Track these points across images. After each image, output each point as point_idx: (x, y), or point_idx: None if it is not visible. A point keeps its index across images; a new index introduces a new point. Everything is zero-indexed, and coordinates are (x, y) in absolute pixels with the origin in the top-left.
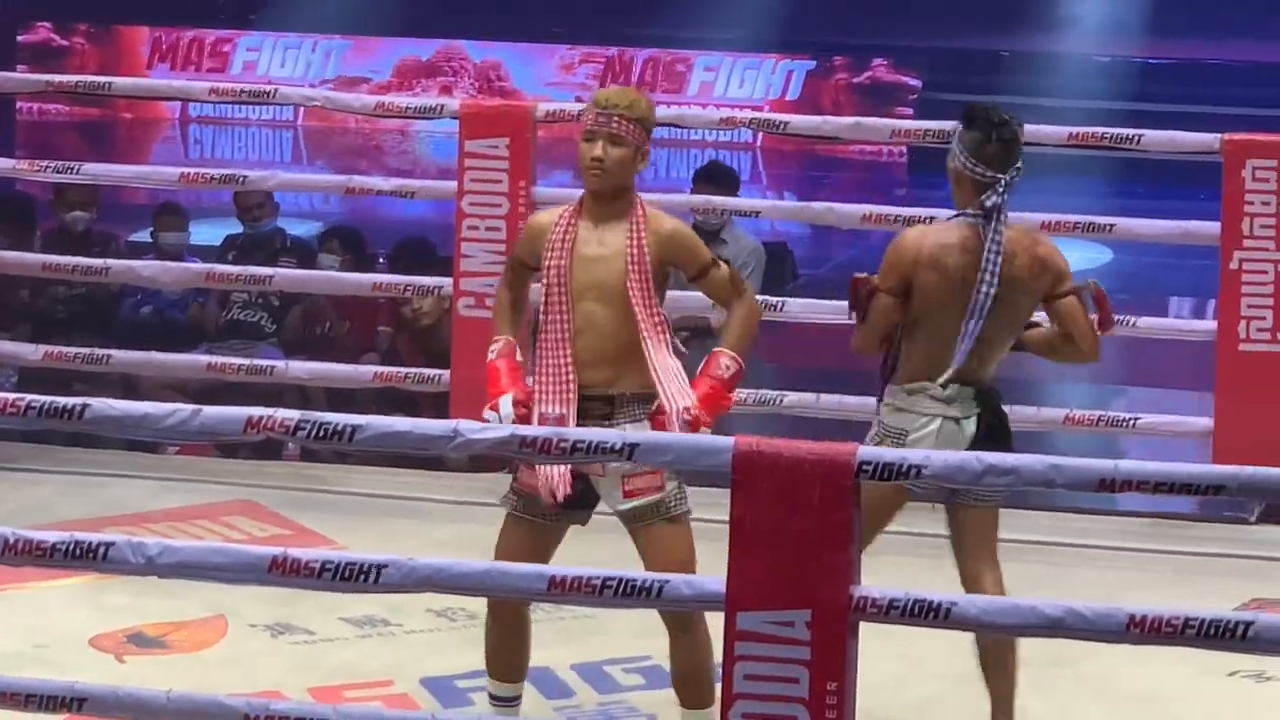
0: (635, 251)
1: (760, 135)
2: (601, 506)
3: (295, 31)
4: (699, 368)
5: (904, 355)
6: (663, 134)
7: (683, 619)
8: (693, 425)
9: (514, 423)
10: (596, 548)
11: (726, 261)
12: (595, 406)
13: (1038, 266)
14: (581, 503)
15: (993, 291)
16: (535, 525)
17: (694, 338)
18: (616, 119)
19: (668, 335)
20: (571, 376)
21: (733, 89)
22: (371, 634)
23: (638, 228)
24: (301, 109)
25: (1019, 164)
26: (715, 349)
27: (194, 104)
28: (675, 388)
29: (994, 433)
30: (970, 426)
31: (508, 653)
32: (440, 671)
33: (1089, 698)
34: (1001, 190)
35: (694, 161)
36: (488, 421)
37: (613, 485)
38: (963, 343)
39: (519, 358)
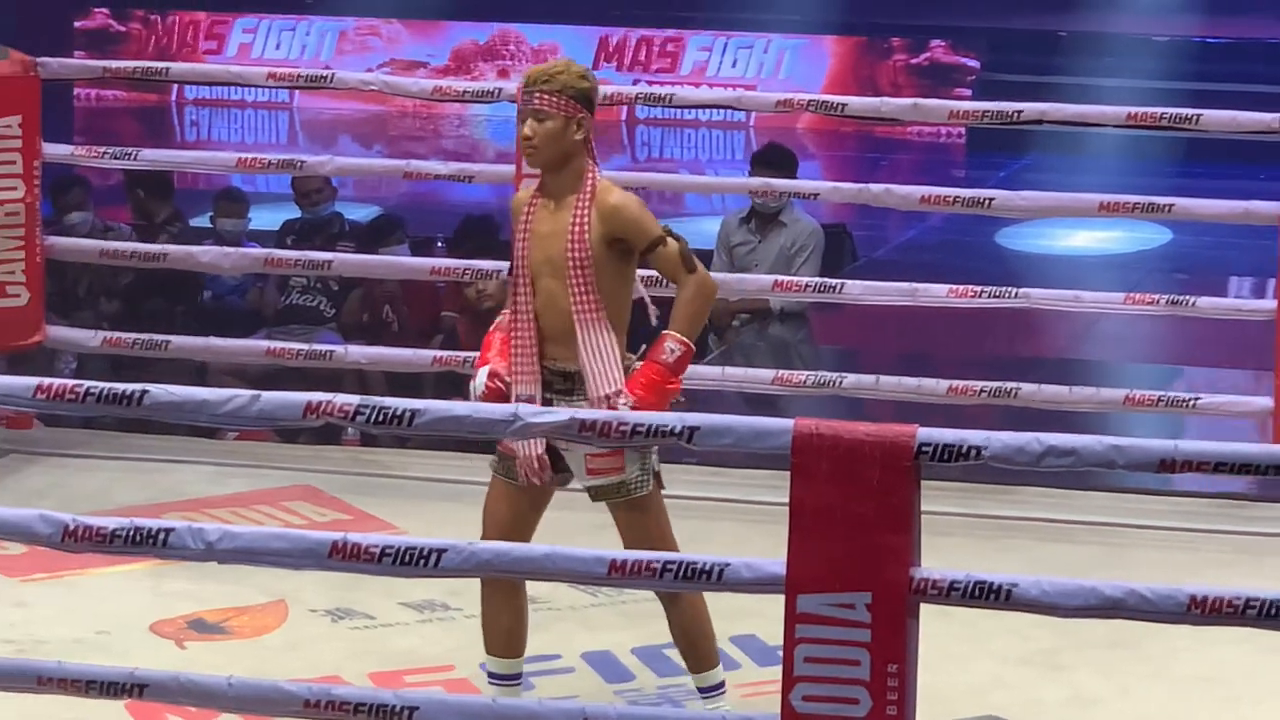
0: (576, 228)
1: (754, 116)
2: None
3: (353, 16)
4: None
5: None
6: (658, 114)
7: (669, 593)
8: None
9: (483, 395)
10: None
11: (678, 238)
12: (557, 381)
13: None
14: (557, 468)
15: None
16: (520, 487)
17: (754, 320)
18: (538, 95)
19: (604, 314)
20: (535, 355)
21: (725, 69)
22: (432, 618)
23: (584, 203)
24: (296, 92)
25: None
26: (663, 331)
27: (190, 86)
28: (599, 371)
29: None
30: None
31: (505, 622)
32: None
33: (1150, 679)
34: None
35: (686, 141)
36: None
37: (578, 461)
38: None
39: None
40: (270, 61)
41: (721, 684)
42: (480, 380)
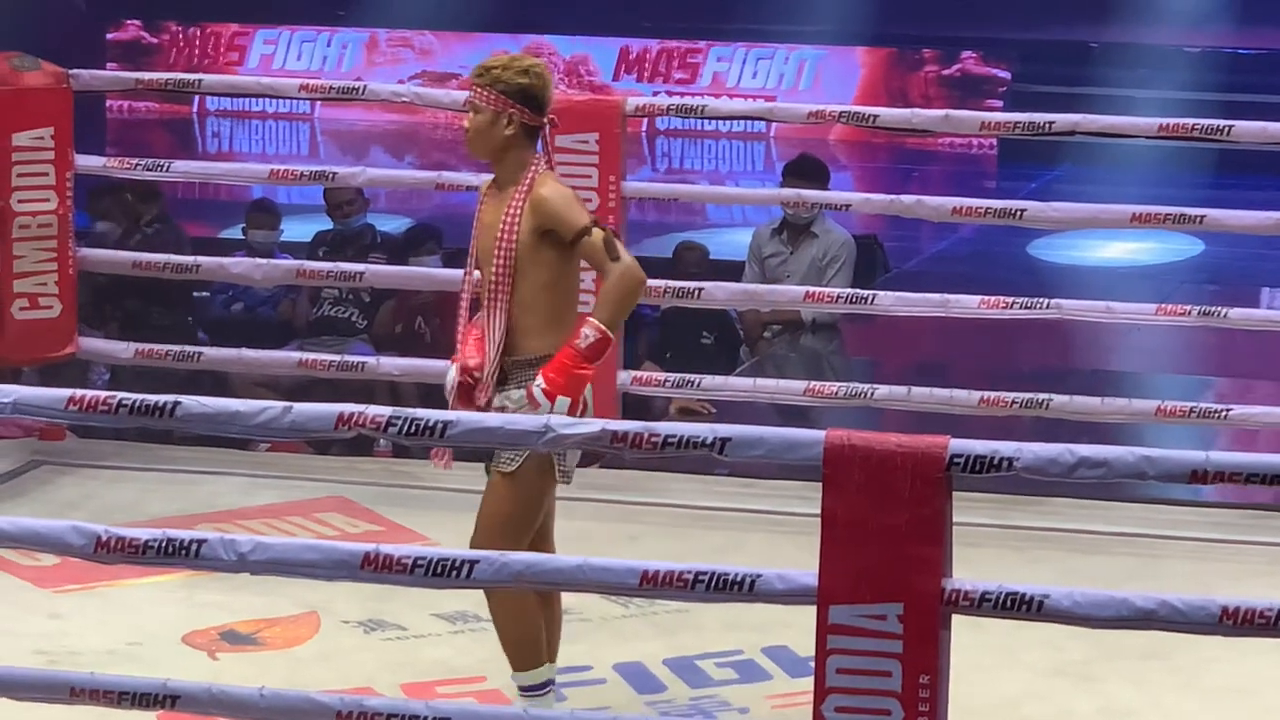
0: (507, 219)
1: (774, 127)
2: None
3: (385, 27)
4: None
5: None
6: (678, 124)
7: (491, 593)
8: (547, 395)
9: (454, 387)
10: (685, 542)
11: (605, 228)
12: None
13: None
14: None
15: None
16: None
17: (786, 331)
18: (474, 88)
19: (510, 305)
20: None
21: (745, 79)
22: (464, 630)
23: (520, 195)
24: (317, 104)
25: None
26: (586, 315)
27: (211, 97)
28: (489, 353)
29: None
30: None
31: (535, 633)
32: None
33: (1182, 690)
34: None
35: (706, 152)
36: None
37: None
38: None
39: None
40: (293, 73)
41: (546, 684)
42: (450, 375)
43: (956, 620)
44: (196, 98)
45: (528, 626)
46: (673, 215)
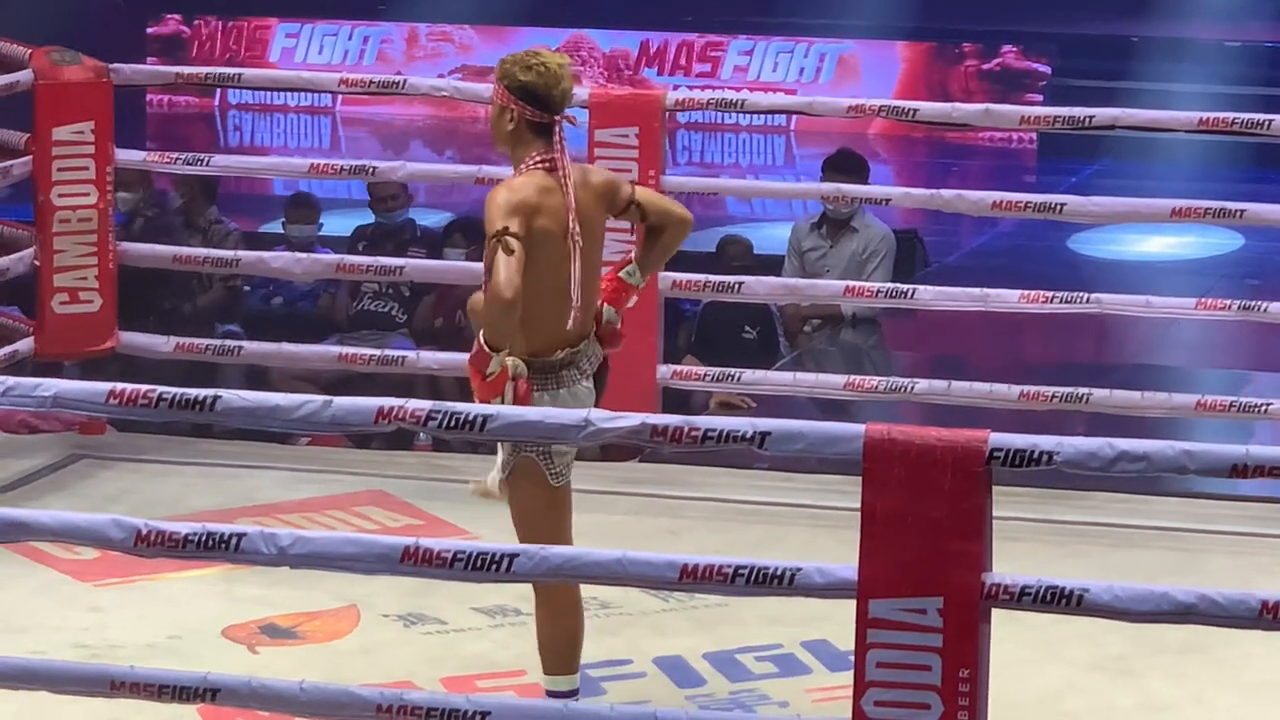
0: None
1: (794, 120)
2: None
3: (428, 21)
4: None
5: None
6: (698, 118)
7: (540, 591)
8: None
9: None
10: (725, 536)
11: (504, 243)
12: None
13: None
14: None
15: None
16: None
17: (826, 325)
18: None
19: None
20: None
21: (765, 72)
22: (504, 624)
23: None
24: (339, 96)
25: None
26: None
27: (233, 90)
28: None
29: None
30: None
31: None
32: None
33: (1222, 684)
34: None
35: (727, 145)
36: None
37: None
38: None
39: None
40: (315, 66)
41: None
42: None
43: (995, 614)
44: (218, 91)
45: (562, 633)
46: (695, 209)
